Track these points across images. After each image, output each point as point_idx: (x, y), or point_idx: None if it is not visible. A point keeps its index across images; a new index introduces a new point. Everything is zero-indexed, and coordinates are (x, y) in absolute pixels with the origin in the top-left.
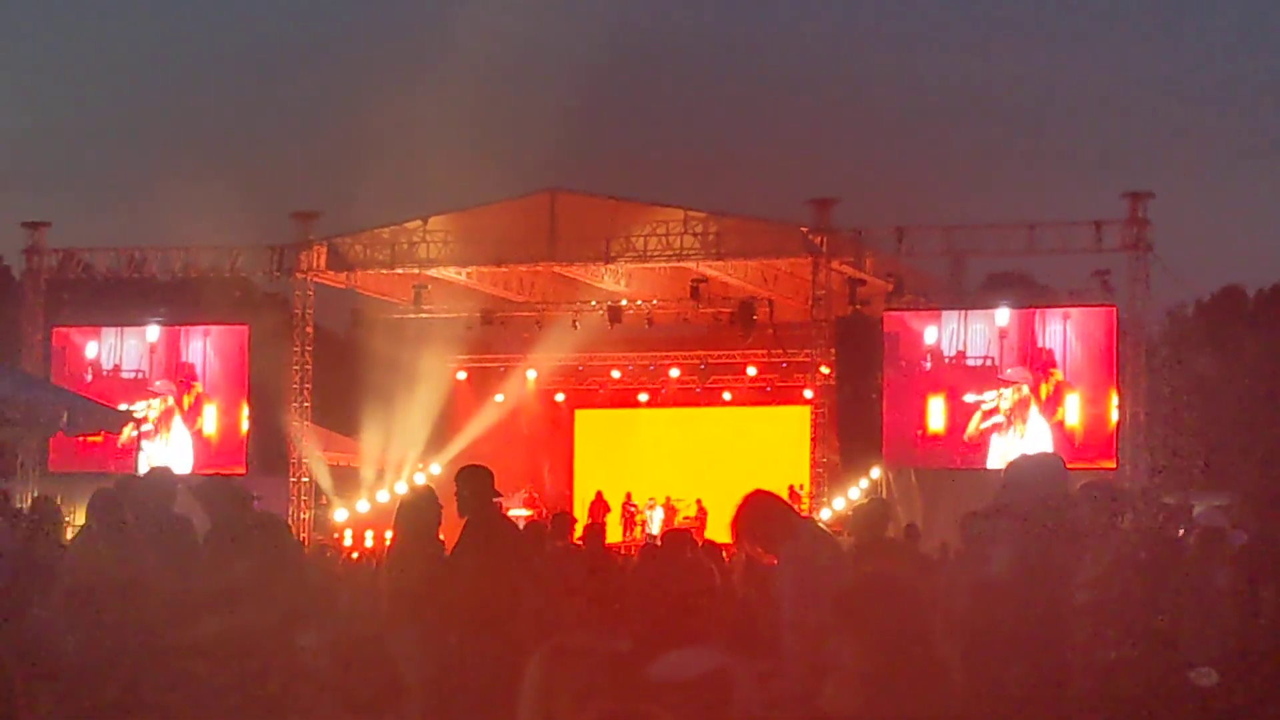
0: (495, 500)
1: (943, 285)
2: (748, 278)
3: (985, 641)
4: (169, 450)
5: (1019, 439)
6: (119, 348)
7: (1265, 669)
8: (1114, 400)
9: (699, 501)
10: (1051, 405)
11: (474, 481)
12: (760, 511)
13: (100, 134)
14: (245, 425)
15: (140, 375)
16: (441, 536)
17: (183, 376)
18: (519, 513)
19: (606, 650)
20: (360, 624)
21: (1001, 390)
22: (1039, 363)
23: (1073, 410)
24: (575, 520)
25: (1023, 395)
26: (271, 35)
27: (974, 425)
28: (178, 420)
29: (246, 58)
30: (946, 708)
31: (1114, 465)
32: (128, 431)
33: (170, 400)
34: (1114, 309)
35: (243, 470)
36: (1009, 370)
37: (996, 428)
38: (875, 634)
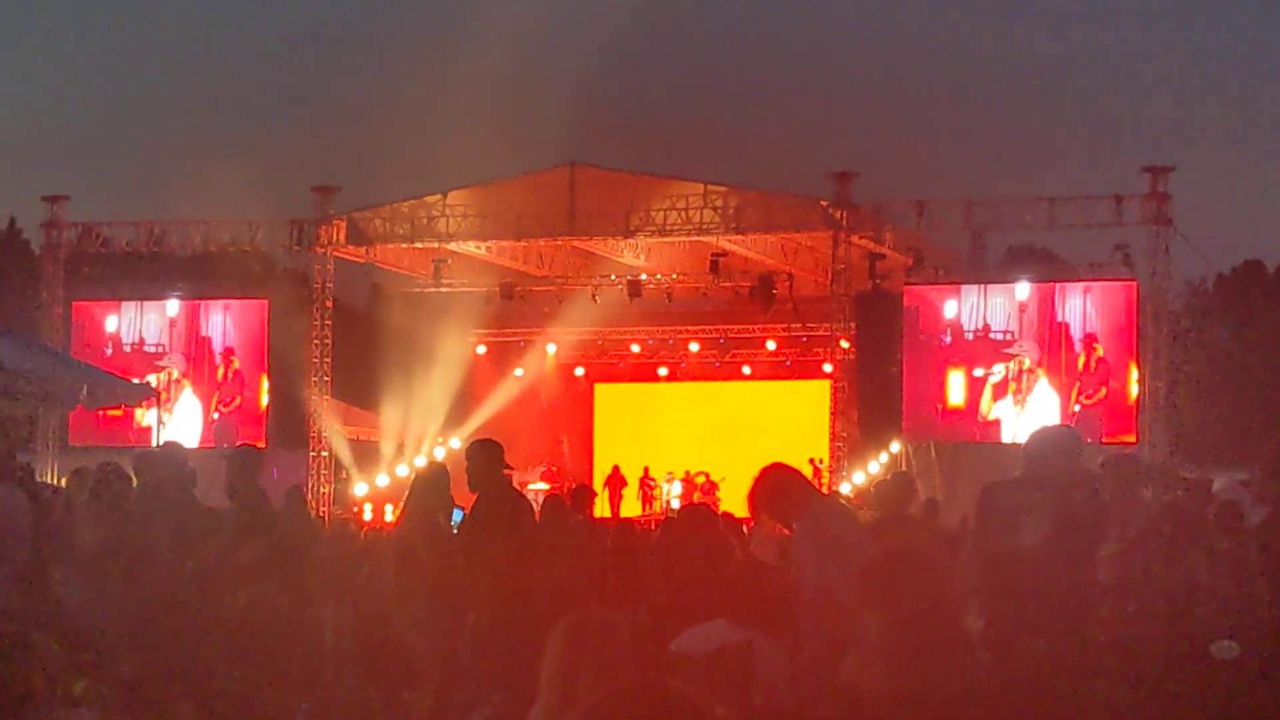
0: (506, 473)
1: (962, 259)
2: (767, 252)
3: (1007, 614)
4: (181, 424)
5: (1025, 412)
6: (138, 322)
7: None
8: (1134, 374)
9: (709, 475)
10: (1092, 382)
11: (484, 455)
12: (777, 485)
13: (120, 108)
14: (265, 399)
15: (160, 349)
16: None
17: (202, 351)
18: (537, 486)
19: (627, 624)
20: (378, 598)
21: (1007, 365)
22: (1059, 336)
23: (1092, 383)
24: (594, 493)
25: (1026, 367)
26: (292, 9)
27: (985, 402)
28: (188, 393)
29: (267, 33)
30: (969, 680)
31: (1134, 440)
32: (147, 406)
33: (176, 374)
34: (1134, 283)
35: (262, 444)
36: (1016, 345)
37: (1005, 402)
38: (896, 608)
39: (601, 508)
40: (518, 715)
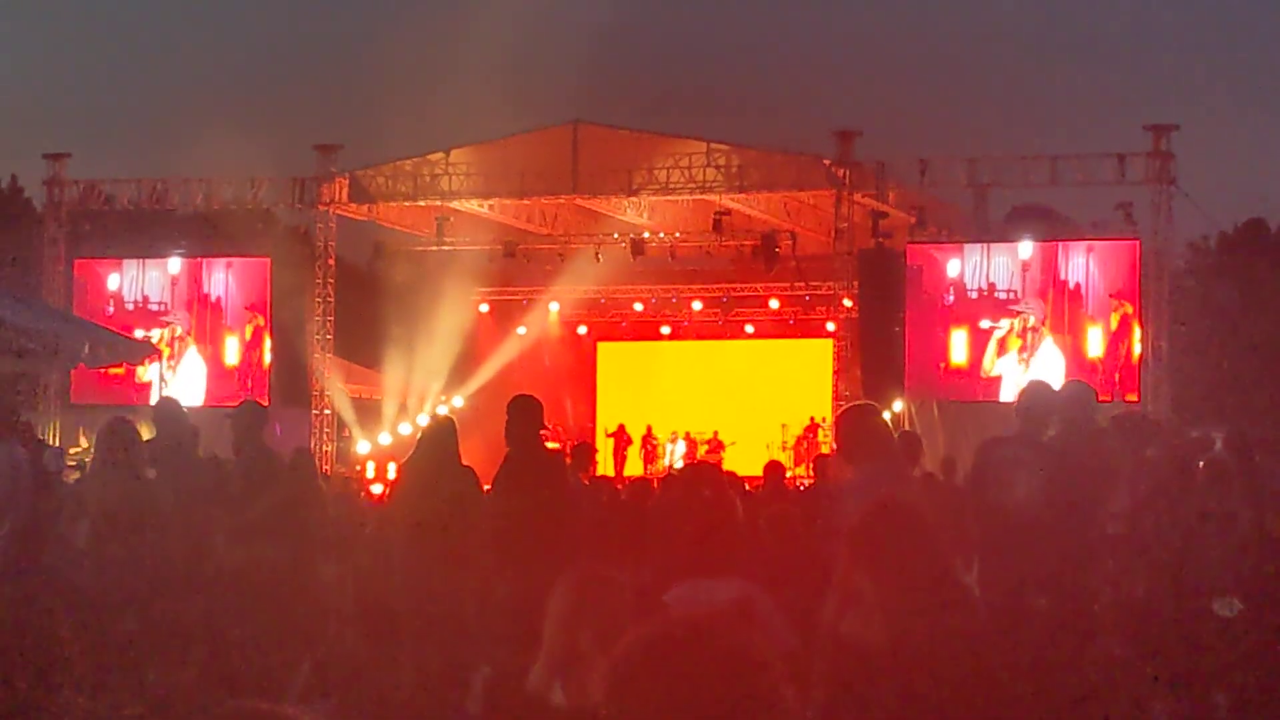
0: (542, 433)
1: (966, 218)
2: (770, 210)
3: (1005, 569)
4: (184, 382)
5: (1030, 370)
6: (140, 279)
7: None
8: (1136, 333)
9: (719, 434)
10: (1073, 335)
11: (525, 413)
12: (848, 428)
13: (122, 65)
14: (267, 357)
15: (162, 307)
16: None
17: (204, 308)
18: None
19: (630, 580)
20: (382, 556)
21: (1013, 321)
22: (1062, 295)
23: (1095, 342)
24: (596, 451)
25: (1031, 325)
26: None
27: (989, 357)
28: (192, 351)
29: None
30: (966, 635)
31: (1136, 398)
32: (148, 363)
33: (180, 330)
34: (1137, 241)
35: (265, 402)
36: (1021, 303)
37: (1009, 357)
38: (887, 562)
39: (605, 467)
40: (520, 673)
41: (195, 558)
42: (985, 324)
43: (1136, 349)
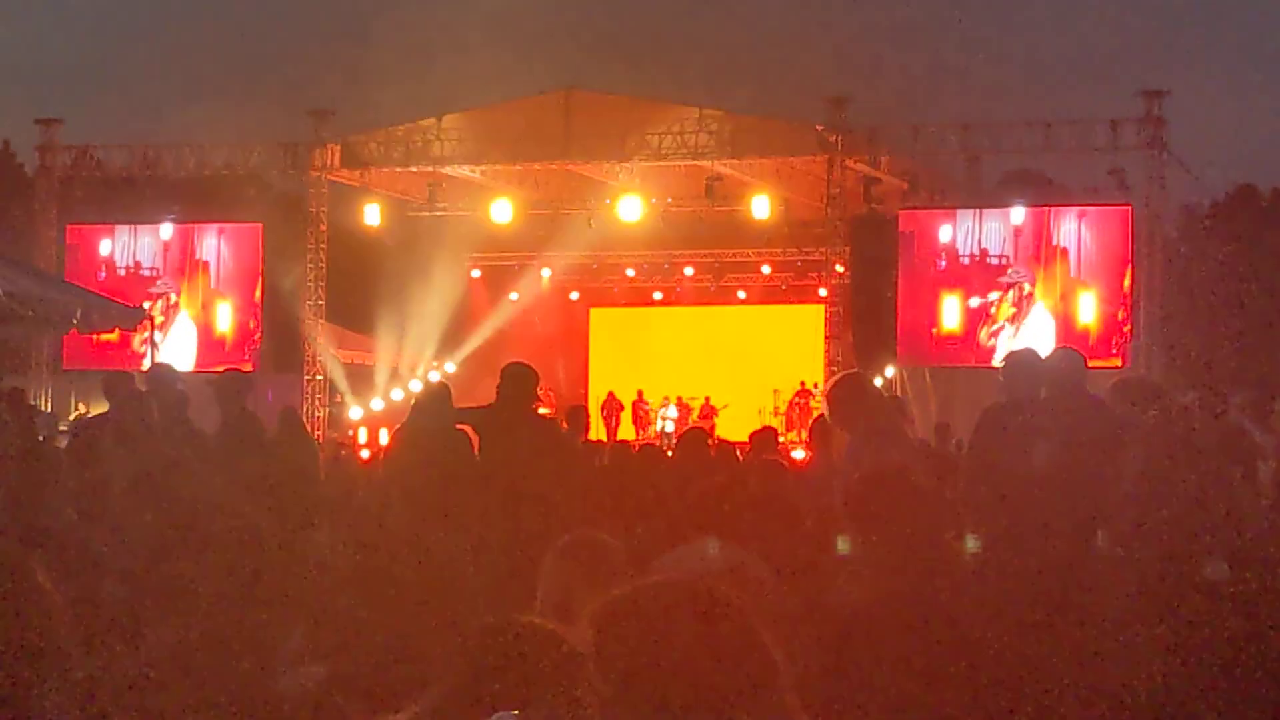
0: (535, 401)
1: (958, 184)
2: (763, 176)
3: (1003, 535)
4: (175, 348)
5: (1019, 337)
6: (132, 245)
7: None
8: (1128, 298)
9: (710, 399)
10: (1065, 301)
11: (518, 380)
12: (841, 394)
13: (115, 31)
14: (259, 323)
15: (154, 272)
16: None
17: (195, 274)
18: None
19: (622, 545)
20: (373, 519)
21: (1006, 293)
22: (1053, 260)
23: (1087, 308)
24: (589, 414)
25: (1024, 293)
26: None
27: (984, 332)
28: (183, 316)
29: None
30: (959, 600)
31: (1127, 363)
32: (140, 329)
33: (174, 297)
34: (1129, 207)
35: (251, 367)
36: (1011, 270)
37: (1002, 328)
38: (880, 527)
39: (597, 431)
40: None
41: (189, 520)
42: (975, 302)
43: (1128, 314)
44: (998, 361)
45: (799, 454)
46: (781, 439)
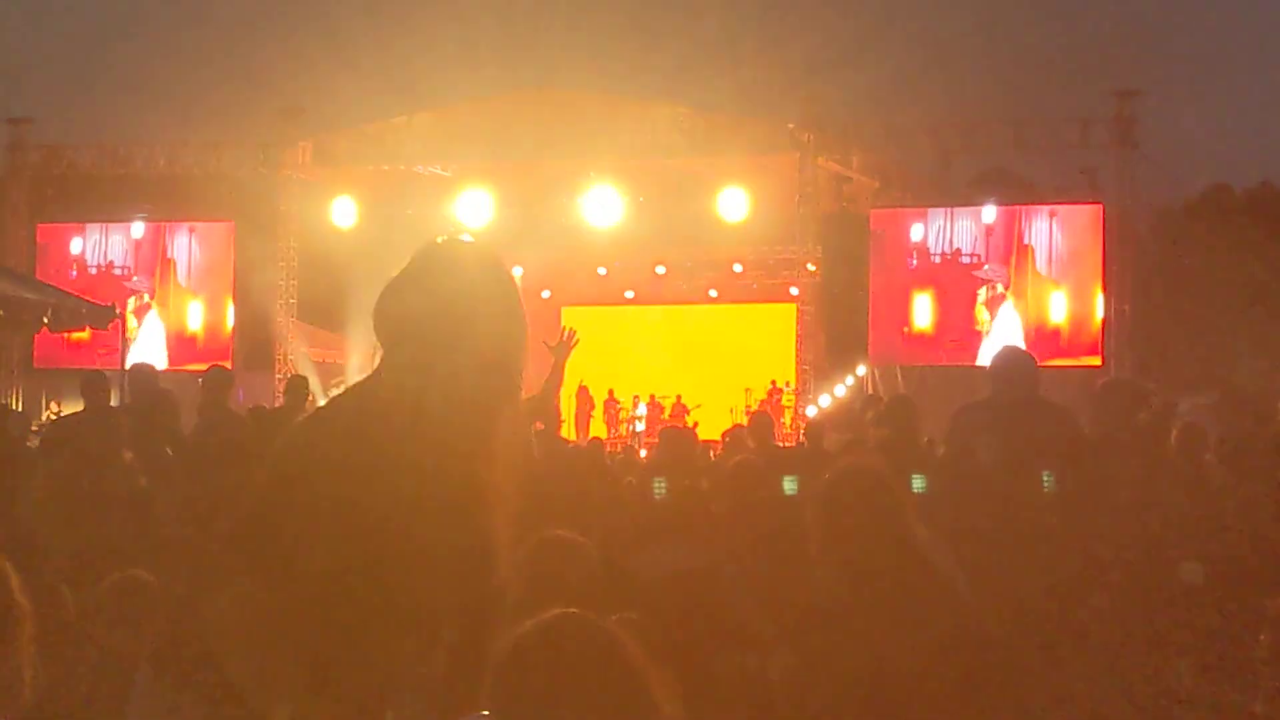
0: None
1: (930, 182)
2: (735, 174)
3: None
4: (145, 345)
5: (990, 335)
6: (104, 244)
7: (1249, 566)
8: (1099, 298)
9: (681, 398)
10: (1036, 300)
11: None
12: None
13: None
14: (230, 321)
15: (126, 271)
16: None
17: (167, 273)
18: None
19: (593, 544)
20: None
21: (977, 291)
22: (1025, 259)
23: (1058, 307)
24: (562, 414)
25: (996, 292)
26: None
27: (956, 330)
28: (154, 315)
29: None
30: (928, 597)
31: (1099, 363)
32: (112, 328)
33: (146, 296)
34: (1101, 206)
35: (227, 366)
36: (986, 267)
37: (974, 326)
38: (848, 525)
39: (568, 430)
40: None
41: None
42: (947, 300)
43: (1099, 314)
44: (981, 360)
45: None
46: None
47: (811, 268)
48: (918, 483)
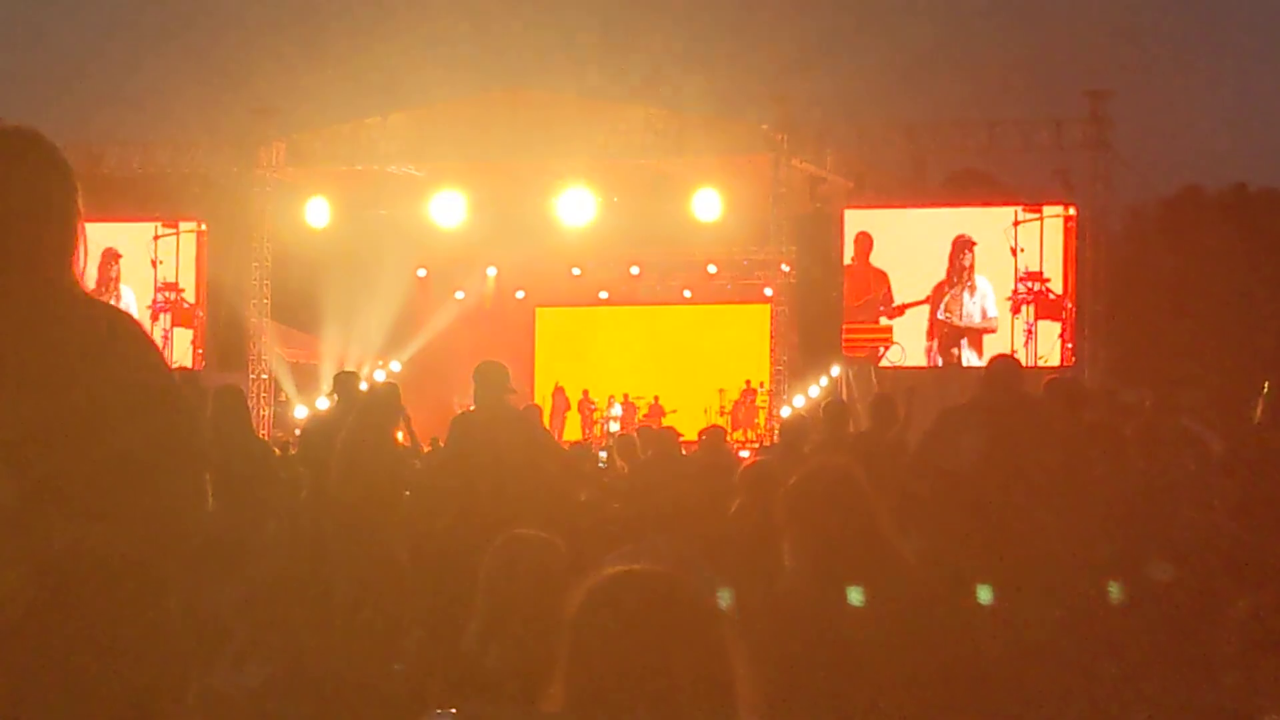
0: (508, 395)
1: (903, 183)
2: (708, 175)
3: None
4: None
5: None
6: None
7: (1219, 563)
8: (1073, 298)
9: (659, 399)
10: (1010, 300)
11: (485, 377)
12: None
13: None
14: (204, 322)
15: (98, 272)
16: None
17: (139, 273)
18: None
19: (562, 542)
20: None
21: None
22: (997, 260)
23: (1029, 307)
24: (541, 411)
25: (973, 292)
26: None
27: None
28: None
29: None
30: (900, 597)
31: (1073, 363)
32: None
33: (119, 296)
34: (1074, 207)
35: (199, 366)
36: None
37: (947, 326)
38: (818, 526)
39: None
40: (453, 634)
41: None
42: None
43: (1071, 314)
44: (967, 362)
45: (745, 454)
46: (728, 438)
47: (785, 268)
48: (984, 594)
